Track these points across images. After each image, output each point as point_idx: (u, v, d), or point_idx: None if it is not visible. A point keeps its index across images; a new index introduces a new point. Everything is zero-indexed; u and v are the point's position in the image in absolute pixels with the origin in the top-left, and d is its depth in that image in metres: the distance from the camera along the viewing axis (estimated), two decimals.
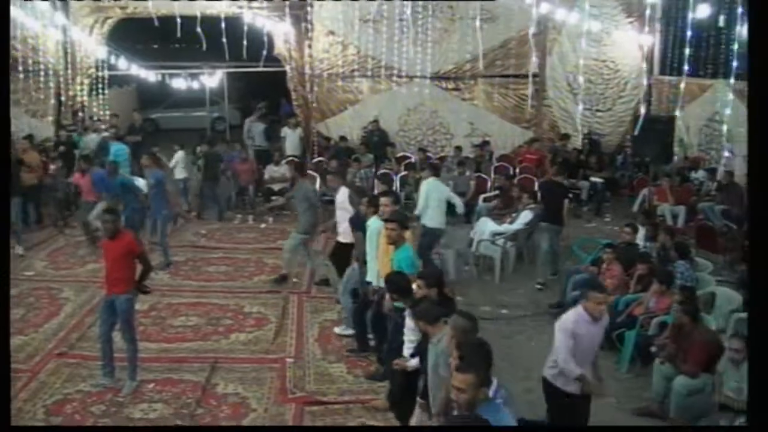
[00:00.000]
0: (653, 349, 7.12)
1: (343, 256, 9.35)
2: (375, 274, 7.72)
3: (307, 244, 10.27)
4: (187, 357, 8.05)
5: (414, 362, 5.97)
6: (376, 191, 11.06)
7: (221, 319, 9.18)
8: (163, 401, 7.05)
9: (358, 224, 8.46)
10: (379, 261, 7.59)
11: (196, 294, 10.02)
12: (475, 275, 10.72)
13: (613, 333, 7.98)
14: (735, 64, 12.45)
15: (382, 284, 7.16)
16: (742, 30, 11.94)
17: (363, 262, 8.10)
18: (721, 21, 11.74)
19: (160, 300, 9.62)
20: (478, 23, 16.07)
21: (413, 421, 5.92)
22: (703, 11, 11.13)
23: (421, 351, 5.77)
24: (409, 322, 6.20)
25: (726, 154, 14.15)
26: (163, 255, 10.97)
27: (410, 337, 6.25)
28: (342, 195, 9.59)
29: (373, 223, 7.85)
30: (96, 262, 10.58)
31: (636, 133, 14.57)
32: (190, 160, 14.40)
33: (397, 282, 6.48)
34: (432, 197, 9.94)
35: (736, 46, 12.57)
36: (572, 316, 5.78)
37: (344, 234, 9.33)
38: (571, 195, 11.82)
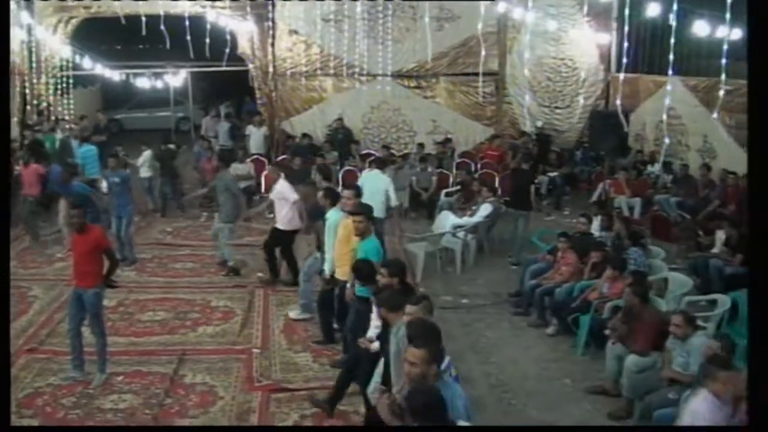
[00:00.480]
0: (607, 331, 7.42)
1: (281, 241, 10.03)
2: (330, 264, 7.98)
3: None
4: (155, 350, 8.18)
5: (376, 345, 6.19)
6: (341, 187, 11.37)
7: (188, 313, 9.31)
8: (132, 392, 7.17)
9: (318, 215, 8.69)
10: (336, 252, 7.81)
11: (163, 290, 10.13)
12: (438, 267, 10.97)
13: (569, 318, 8.33)
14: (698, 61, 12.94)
15: (337, 275, 7.65)
16: (692, 28, 12.40)
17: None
18: (671, 19, 12.08)
19: (128, 296, 9.72)
20: (438, 23, 16.43)
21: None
22: (654, 10, 11.45)
23: (381, 339, 5.97)
24: (375, 309, 6.42)
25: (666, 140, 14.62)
26: (129, 252, 11.06)
27: (376, 323, 6.47)
28: (280, 186, 10.05)
29: (332, 215, 8.06)
30: (63, 260, 10.68)
31: (589, 127, 15.04)
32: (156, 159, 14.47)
33: (362, 268, 6.71)
34: (365, 187, 10.19)
35: (691, 44, 13.00)
36: (703, 409, 5.18)
37: (282, 221, 9.94)
38: (537, 182, 12.34)
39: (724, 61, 11.41)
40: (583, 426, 5.97)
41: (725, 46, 11.21)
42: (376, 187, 10.48)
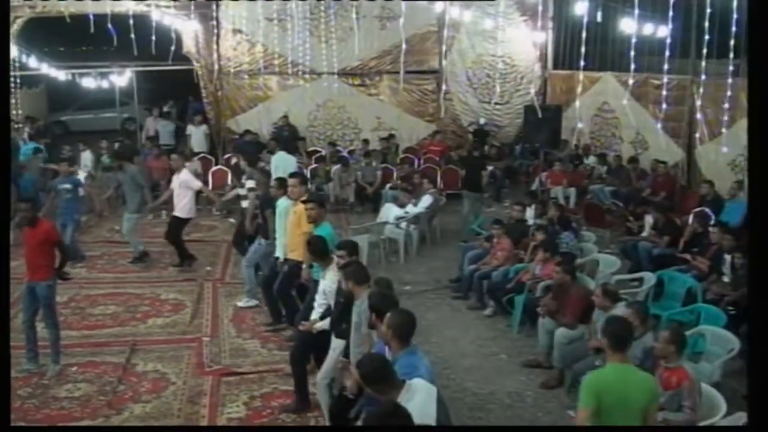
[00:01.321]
0: (539, 309, 7.90)
1: (180, 228, 10.88)
2: (282, 249, 8.38)
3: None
4: (107, 341, 8.42)
5: (321, 324, 6.53)
6: None
7: (139, 306, 9.56)
8: (86, 381, 7.40)
9: (268, 204, 9.05)
10: (289, 236, 8.17)
11: (113, 285, 10.35)
12: (382, 257, 11.36)
13: (504, 299, 8.82)
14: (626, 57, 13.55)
15: (290, 257, 8.05)
16: (621, 26, 13.04)
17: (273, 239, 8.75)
18: (599, 17, 12.72)
19: (79, 292, 9.94)
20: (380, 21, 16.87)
21: (322, 370, 6.43)
22: (581, 8, 12.04)
23: (343, 312, 6.15)
24: (322, 287, 6.76)
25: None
26: (74, 252, 11.21)
27: (320, 301, 6.81)
28: (184, 175, 10.76)
29: (282, 203, 8.49)
30: (15, 259, 10.73)
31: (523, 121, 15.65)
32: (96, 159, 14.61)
33: (315, 244, 6.98)
34: (279, 168, 10.92)
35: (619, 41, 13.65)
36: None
37: (182, 210, 10.75)
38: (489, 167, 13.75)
39: (665, 50, 12.15)
40: (582, 426, 6.29)
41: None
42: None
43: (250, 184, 10.25)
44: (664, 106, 13.37)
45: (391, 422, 3.56)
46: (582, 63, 14.20)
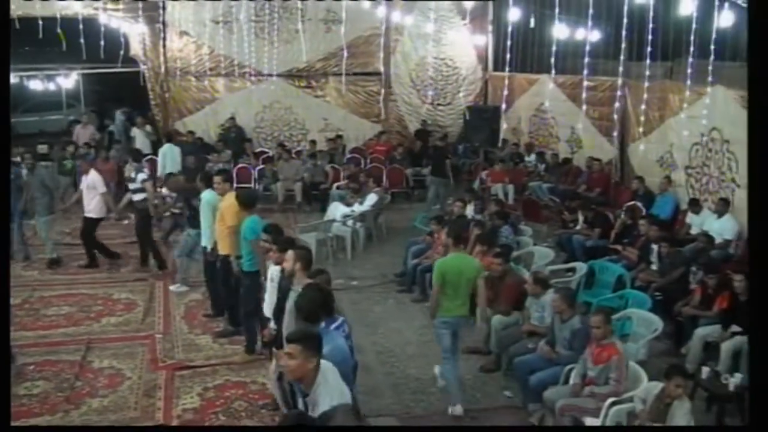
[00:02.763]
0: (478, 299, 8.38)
1: (93, 228, 11.16)
2: (208, 239, 8.83)
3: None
4: (62, 341, 8.62)
5: (273, 326, 6.78)
6: (235, 184, 12.22)
7: (92, 306, 9.77)
8: (44, 379, 7.61)
9: (189, 196, 9.82)
10: (217, 230, 8.53)
11: (65, 286, 10.53)
12: (330, 254, 11.73)
13: None
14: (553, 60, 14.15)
15: (219, 250, 8.52)
16: (558, 31, 13.62)
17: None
18: (533, 23, 13.29)
19: (32, 294, 10.11)
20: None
21: (271, 369, 6.77)
22: (515, 14, 12.61)
23: (281, 299, 6.37)
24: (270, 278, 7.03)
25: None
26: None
27: (273, 298, 6.95)
28: (92, 177, 10.97)
29: (206, 196, 8.90)
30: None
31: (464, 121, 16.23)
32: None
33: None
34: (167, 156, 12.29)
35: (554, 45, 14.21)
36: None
37: (93, 211, 11.01)
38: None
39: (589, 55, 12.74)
40: (582, 426, 6.36)
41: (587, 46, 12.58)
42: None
43: (142, 176, 10.97)
44: (593, 107, 14.08)
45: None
46: (515, 65, 14.86)
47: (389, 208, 13.60)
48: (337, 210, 12.32)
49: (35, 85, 17.75)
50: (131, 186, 11.26)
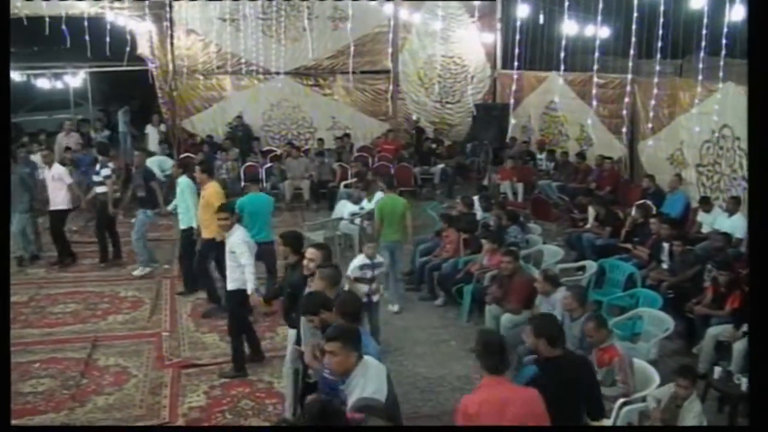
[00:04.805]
0: (486, 298, 8.30)
1: (62, 221, 11.26)
2: (191, 219, 9.58)
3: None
4: (69, 338, 8.59)
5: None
6: (243, 183, 13.59)
7: (98, 304, 9.74)
8: (49, 376, 7.60)
9: (150, 176, 10.68)
10: (200, 216, 9.28)
11: (72, 284, 10.50)
12: (338, 252, 11.64)
13: (454, 288, 9.23)
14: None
15: (204, 235, 9.19)
16: (567, 28, 13.53)
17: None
18: (541, 19, 13.19)
19: (38, 292, 10.09)
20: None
21: (287, 360, 6.65)
22: (524, 11, 12.51)
23: (292, 302, 6.42)
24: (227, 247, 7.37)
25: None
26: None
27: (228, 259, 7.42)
28: (56, 169, 11.07)
29: (185, 181, 9.69)
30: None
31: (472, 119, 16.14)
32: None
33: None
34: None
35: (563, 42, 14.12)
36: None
37: (61, 203, 11.08)
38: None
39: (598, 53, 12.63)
40: (582, 426, 6.54)
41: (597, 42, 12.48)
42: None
43: (105, 172, 11.06)
44: (603, 104, 13.95)
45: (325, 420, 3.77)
46: (524, 62, 14.77)
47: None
48: (344, 208, 12.24)
49: (43, 83, 17.73)
50: (95, 178, 11.32)
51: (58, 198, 11.06)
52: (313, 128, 18.23)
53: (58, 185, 11.02)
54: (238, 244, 7.33)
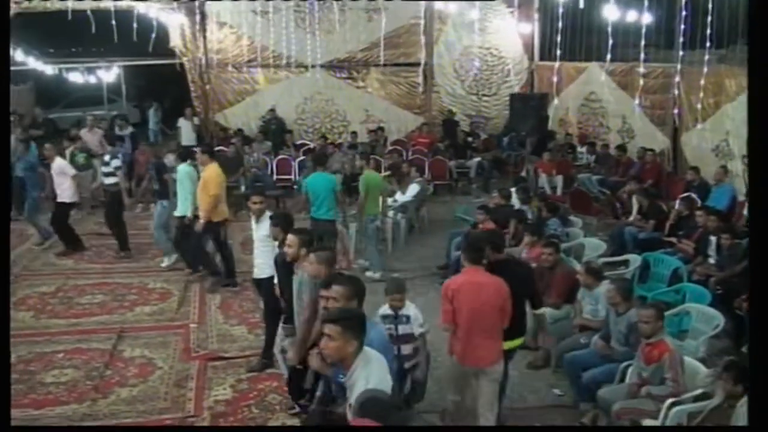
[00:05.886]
0: None
1: (65, 214, 11.30)
2: (186, 208, 9.69)
3: None
4: (95, 329, 8.40)
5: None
6: (275, 176, 14.12)
7: (126, 295, 9.55)
8: (73, 367, 7.40)
9: (163, 169, 10.57)
10: (199, 198, 9.41)
11: (100, 275, 10.34)
12: (368, 244, 11.34)
13: None
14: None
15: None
16: (608, 15, 13.11)
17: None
18: (582, 5, 12.78)
19: (66, 282, 9.96)
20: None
21: (277, 342, 6.58)
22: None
23: (284, 283, 6.28)
24: (258, 233, 7.31)
25: None
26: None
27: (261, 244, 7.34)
28: (58, 163, 11.15)
29: (184, 168, 9.78)
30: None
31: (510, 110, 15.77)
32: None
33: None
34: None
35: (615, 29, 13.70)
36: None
37: (65, 195, 11.11)
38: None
39: (646, 39, 12.21)
40: (582, 426, 6.25)
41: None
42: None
43: (116, 162, 11.19)
44: (645, 95, 13.49)
45: None
46: (562, 53, 14.39)
47: (432, 200, 13.18)
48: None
49: (77, 78, 17.71)
50: (104, 170, 11.28)
51: (62, 191, 11.10)
52: (346, 121, 18.01)
53: (61, 178, 11.08)
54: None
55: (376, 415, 3.64)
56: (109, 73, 18.83)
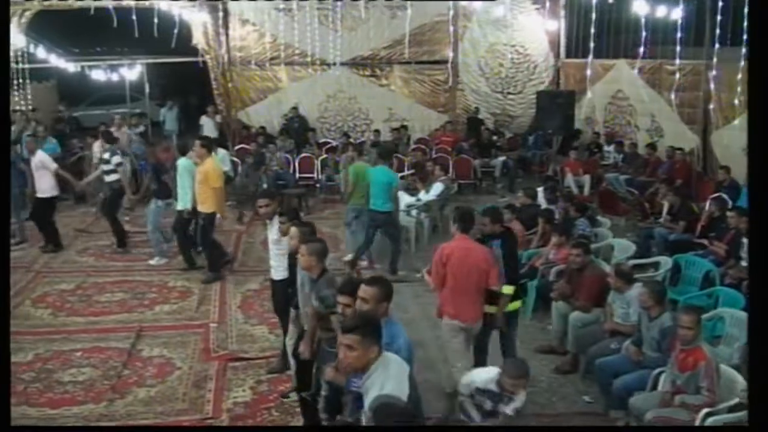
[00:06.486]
0: (552, 294, 7.69)
1: (45, 209, 11.03)
2: (187, 201, 9.82)
3: None
4: (113, 327, 8.29)
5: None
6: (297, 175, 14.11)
7: (146, 293, 9.44)
8: (91, 366, 7.29)
9: (160, 170, 10.68)
10: (198, 192, 9.61)
11: (121, 273, 10.24)
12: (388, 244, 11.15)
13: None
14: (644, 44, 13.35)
15: (201, 209, 9.61)
16: (636, 10, 12.81)
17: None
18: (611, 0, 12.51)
19: (86, 279, 9.88)
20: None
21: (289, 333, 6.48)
22: None
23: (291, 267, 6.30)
24: (271, 235, 7.06)
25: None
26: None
27: (275, 247, 7.07)
28: (39, 156, 10.94)
29: (183, 163, 9.91)
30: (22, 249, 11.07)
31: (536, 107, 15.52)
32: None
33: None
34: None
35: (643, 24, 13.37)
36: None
37: (44, 191, 10.91)
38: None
39: (679, 34, 11.93)
40: (583, 426, 6.16)
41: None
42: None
43: (117, 159, 11.19)
44: (675, 93, 13.19)
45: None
46: (590, 50, 14.11)
47: (456, 199, 12.94)
48: (401, 199, 11.71)
49: (100, 78, 17.72)
50: (105, 167, 11.23)
51: (43, 185, 10.88)
52: (369, 120, 17.85)
53: (42, 173, 10.86)
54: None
55: (388, 421, 3.54)
56: (131, 71, 18.82)
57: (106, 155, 11.31)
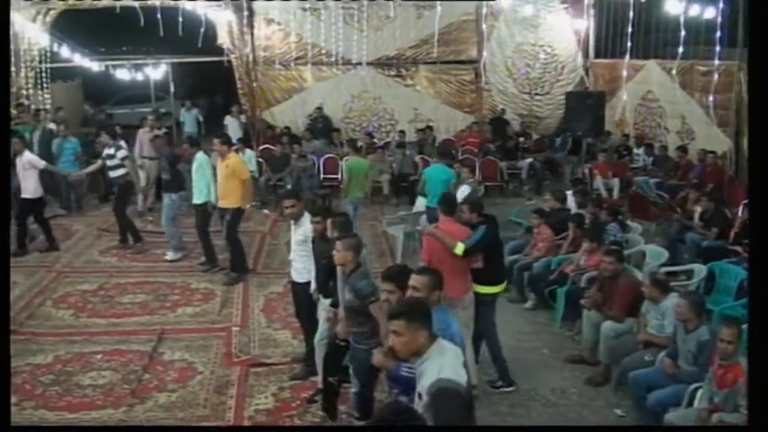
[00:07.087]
0: (583, 302, 7.45)
1: (32, 210, 10.90)
2: (205, 195, 9.89)
3: None
4: (135, 330, 8.19)
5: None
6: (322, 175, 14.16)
7: (168, 295, 9.34)
8: (111, 369, 7.19)
9: (174, 161, 10.69)
10: (222, 187, 9.69)
11: (143, 274, 10.14)
12: (417, 248, 10.98)
13: (546, 291, 8.42)
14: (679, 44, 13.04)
15: (222, 204, 9.70)
16: (668, 9, 12.54)
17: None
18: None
19: (108, 280, 9.79)
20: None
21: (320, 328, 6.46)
22: None
23: (327, 273, 6.30)
24: (296, 236, 6.98)
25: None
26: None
27: (299, 248, 6.98)
28: (27, 156, 10.74)
29: (201, 157, 9.99)
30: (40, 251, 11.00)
31: (565, 108, 15.27)
32: None
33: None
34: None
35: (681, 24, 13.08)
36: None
37: (30, 191, 10.71)
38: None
39: (718, 34, 11.65)
40: (583, 426, 6.05)
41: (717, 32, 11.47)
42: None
43: (122, 153, 11.12)
44: (711, 95, 12.87)
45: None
46: (619, 50, 13.83)
47: (482, 201, 12.69)
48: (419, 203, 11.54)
49: (122, 74, 17.72)
50: (110, 163, 11.13)
51: (29, 186, 10.69)
52: (394, 120, 17.67)
53: (29, 173, 10.68)
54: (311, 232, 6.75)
55: (448, 406, 3.50)
56: (156, 71, 18.82)
57: (111, 150, 11.13)
